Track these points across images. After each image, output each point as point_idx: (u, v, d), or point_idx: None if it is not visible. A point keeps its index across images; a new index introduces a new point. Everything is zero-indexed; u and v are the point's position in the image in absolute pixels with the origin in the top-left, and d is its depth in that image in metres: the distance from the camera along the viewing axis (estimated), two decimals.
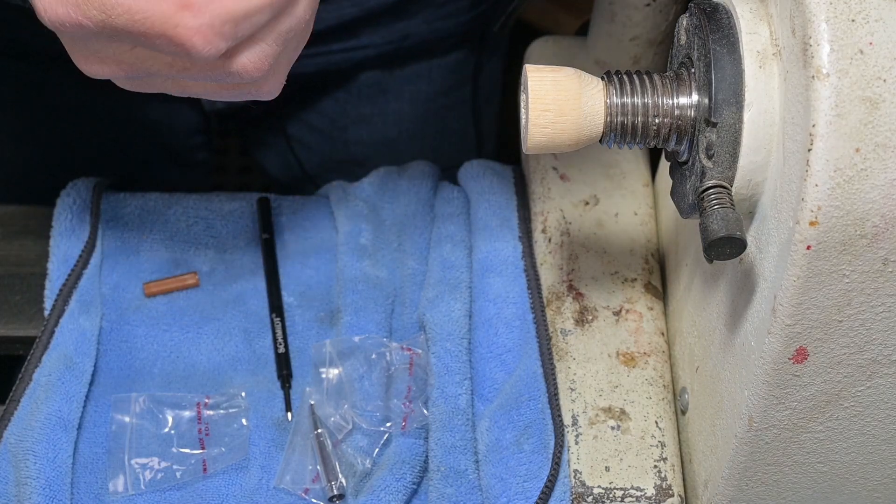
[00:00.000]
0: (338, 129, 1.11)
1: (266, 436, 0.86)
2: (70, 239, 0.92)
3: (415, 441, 0.84)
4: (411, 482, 0.82)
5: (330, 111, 1.10)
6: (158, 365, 0.89)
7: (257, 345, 0.90)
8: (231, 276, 0.93)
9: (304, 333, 0.91)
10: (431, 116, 1.13)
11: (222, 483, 0.84)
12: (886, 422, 0.71)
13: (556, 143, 0.67)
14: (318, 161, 1.13)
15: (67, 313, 0.89)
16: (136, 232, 0.94)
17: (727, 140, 0.64)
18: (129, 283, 0.92)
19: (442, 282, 0.90)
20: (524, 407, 0.84)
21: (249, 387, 0.88)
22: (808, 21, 0.58)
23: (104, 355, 0.89)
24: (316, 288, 0.93)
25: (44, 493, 0.80)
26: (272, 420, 0.86)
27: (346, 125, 1.11)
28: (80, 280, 0.90)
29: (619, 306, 0.89)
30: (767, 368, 0.67)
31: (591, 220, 0.93)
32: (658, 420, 0.84)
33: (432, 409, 0.85)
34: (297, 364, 0.89)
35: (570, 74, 0.67)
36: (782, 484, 0.76)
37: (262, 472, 0.84)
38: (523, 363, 0.86)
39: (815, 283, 0.62)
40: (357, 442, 0.85)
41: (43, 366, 0.86)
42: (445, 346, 0.86)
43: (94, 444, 0.85)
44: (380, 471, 0.83)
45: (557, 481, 0.81)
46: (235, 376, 0.89)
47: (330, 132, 1.12)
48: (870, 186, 0.59)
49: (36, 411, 0.83)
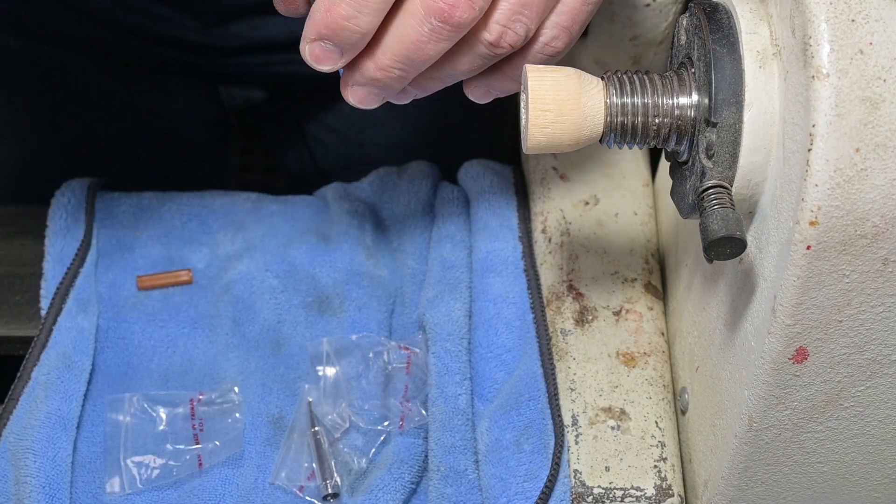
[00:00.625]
0: (355, 131, 1.11)
1: (261, 434, 0.86)
2: (65, 238, 0.92)
3: (413, 441, 0.84)
4: (409, 482, 0.83)
5: (347, 112, 1.10)
6: (155, 361, 0.89)
7: (246, 329, 0.90)
8: (224, 270, 0.94)
9: (293, 320, 0.91)
10: (447, 119, 1.12)
11: (218, 481, 0.84)
12: (886, 422, 0.71)
13: (556, 143, 0.67)
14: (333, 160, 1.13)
15: (65, 312, 0.89)
16: (130, 230, 0.95)
17: (727, 140, 0.64)
18: (125, 280, 0.93)
19: (442, 282, 0.90)
20: (524, 407, 0.84)
21: (244, 379, 0.88)
22: (808, 21, 0.58)
23: (101, 353, 0.89)
24: (301, 270, 0.93)
25: (43, 492, 0.80)
26: (268, 417, 0.87)
27: (363, 127, 1.11)
28: (76, 279, 0.90)
29: (619, 306, 0.89)
30: (767, 368, 0.67)
31: (591, 220, 0.93)
32: (658, 420, 0.84)
33: (432, 409, 0.85)
34: (288, 353, 0.90)
35: (570, 74, 0.67)
36: (782, 484, 0.76)
37: (257, 470, 0.84)
38: (523, 363, 0.86)
39: (815, 283, 0.62)
40: (353, 441, 0.85)
41: (41, 364, 0.86)
42: (445, 346, 0.86)
43: (93, 442, 0.85)
44: (378, 470, 0.83)
45: (557, 481, 0.81)
46: (230, 368, 0.89)
47: (346, 133, 1.12)
48: (870, 186, 0.59)
49: (35, 410, 0.84)
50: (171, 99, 1.07)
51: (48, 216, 0.94)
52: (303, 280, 0.93)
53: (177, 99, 1.07)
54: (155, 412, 0.86)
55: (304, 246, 0.94)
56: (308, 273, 0.93)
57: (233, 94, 1.18)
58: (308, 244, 0.94)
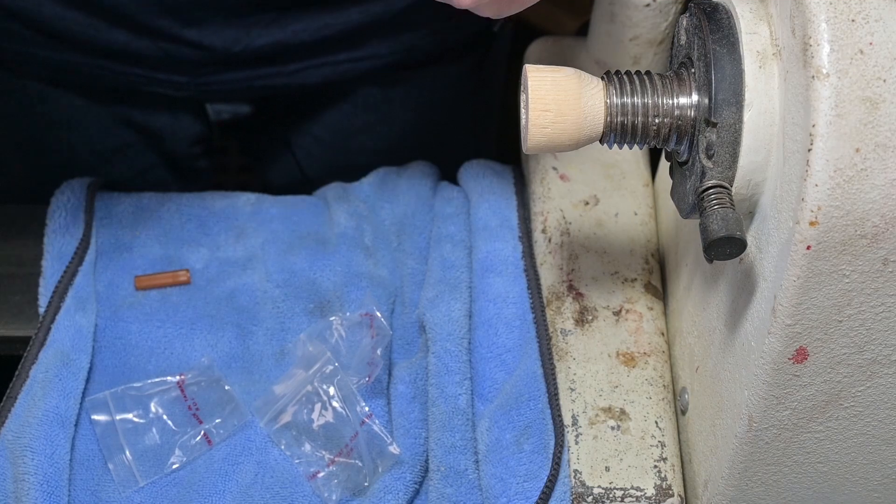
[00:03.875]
0: (341, 139, 1.11)
1: (263, 432, 0.86)
2: (64, 237, 0.93)
3: (414, 441, 0.84)
4: (412, 482, 0.83)
5: (333, 122, 1.10)
6: (153, 361, 0.89)
7: (250, 341, 0.90)
8: (223, 273, 0.94)
9: (297, 328, 0.91)
10: (434, 124, 1.13)
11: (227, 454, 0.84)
12: (886, 422, 0.71)
13: (556, 143, 0.67)
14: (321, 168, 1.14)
15: (63, 310, 0.89)
16: (129, 229, 0.95)
17: (727, 140, 0.64)
18: (123, 280, 0.93)
19: (442, 282, 0.90)
20: (524, 407, 0.84)
21: (245, 386, 0.88)
22: (808, 21, 0.58)
23: (99, 352, 0.89)
24: (301, 276, 0.93)
25: (42, 490, 0.80)
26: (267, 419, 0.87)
27: (350, 134, 1.11)
28: (75, 277, 0.91)
29: (619, 306, 0.89)
30: (767, 368, 0.67)
31: (591, 220, 0.93)
32: (658, 420, 0.84)
33: (432, 409, 0.85)
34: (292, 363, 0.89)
35: (570, 74, 0.67)
36: (782, 484, 0.76)
37: (258, 467, 0.84)
38: (523, 363, 0.86)
39: (815, 283, 0.62)
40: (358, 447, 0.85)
41: (39, 363, 0.86)
42: (445, 346, 0.87)
43: (91, 440, 0.85)
44: (380, 474, 0.83)
45: (558, 481, 0.81)
46: (231, 374, 0.89)
47: (332, 142, 1.12)
48: (870, 186, 0.59)
49: (33, 408, 0.84)
50: (156, 118, 1.08)
51: (47, 215, 0.94)
52: (303, 287, 0.93)
53: (161, 118, 1.08)
54: (142, 404, 0.86)
55: (303, 251, 0.94)
56: (308, 278, 0.93)
57: (219, 111, 1.18)
58: (308, 249, 0.94)
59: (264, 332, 0.91)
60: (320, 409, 0.85)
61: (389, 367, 0.88)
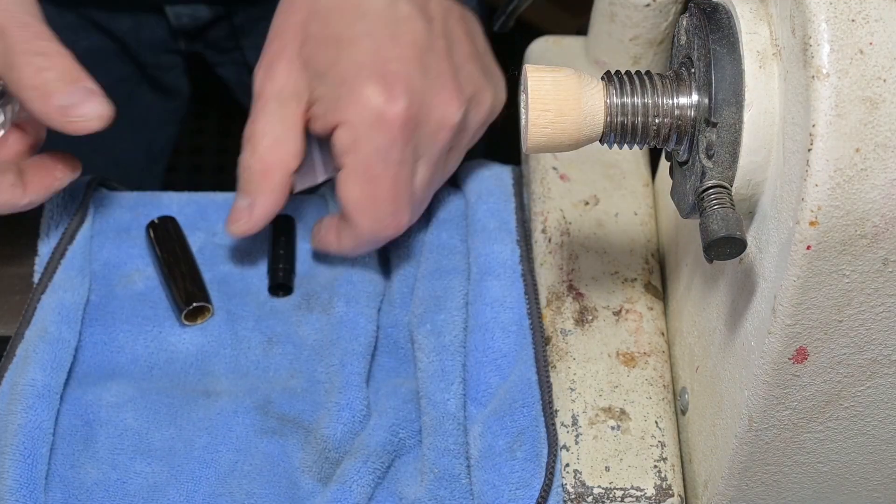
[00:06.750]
0: None
1: (245, 420, 0.86)
2: (62, 216, 0.94)
3: (385, 435, 0.84)
4: (383, 474, 0.83)
5: None
6: (140, 341, 0.90)
7: (239, 326, 0.91)
8: (220, 259, 0.94)
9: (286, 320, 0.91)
10: None
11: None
12: (886, 422, 0.71)
13: (556, 143, 0.67)
14: None
15: (50, 288, 0.90)
16: (128, 213, 0.96)
17: (727, 140, 0.64)
18: (119, 260, 0.94)
19: (437, 283, 0.90)
20: (518, 413, 0.84)
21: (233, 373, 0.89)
22: (808, 21, 0.58)
23: (89, 326, 0.90)
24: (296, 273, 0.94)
25: (20, 461, 0.80)
26: (252, 404, 0.87)
27: None
28: (64, 256, 0.91)
29: (619, 306, 0.89)
30: (767, 368, 0.67)
31: (591, 220, 0.93)
32: (658, 420, 0.84)
33: (423, 413, 0.85)
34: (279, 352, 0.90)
35: (570, 74, 0.67)
36: (782, 484, 0.76)
37: (237, 454, 0.84)
38: (518, 369, 0.86)
39: (815, 283, 0.62)
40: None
41: (25, 340, 0.87)
42: (438, 349, 0.87)
43: (75, 415, 0.85)
44: (351, 460, 0.83)
45: (551, 491, 0.81)
46: (217, 363, 0.89)
47: None
48: (870, 186, 0.59)
49: (16, 384, 0.84)
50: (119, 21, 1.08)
51: (44, 205, 0.94)
52: (296, 282, 0.93)
53: (124, 21, 1.09)
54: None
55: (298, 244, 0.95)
56: (300, 275, 0.94)
57: (179, 14, 1.19)
58: (303, 242, 0.95)
59: (254, 320, 0.91)
60: None
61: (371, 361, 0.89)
